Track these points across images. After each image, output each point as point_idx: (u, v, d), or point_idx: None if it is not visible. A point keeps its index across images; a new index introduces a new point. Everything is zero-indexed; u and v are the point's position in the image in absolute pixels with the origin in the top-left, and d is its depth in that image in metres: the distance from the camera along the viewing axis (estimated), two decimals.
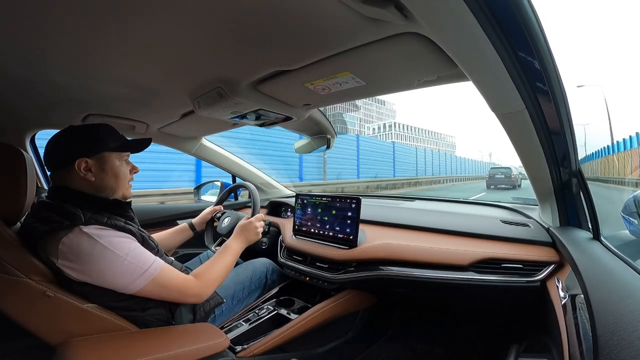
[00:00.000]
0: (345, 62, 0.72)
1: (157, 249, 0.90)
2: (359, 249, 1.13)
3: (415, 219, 1.24)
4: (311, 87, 0.88)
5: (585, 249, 0.78)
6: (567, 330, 0.62)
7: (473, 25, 0.49)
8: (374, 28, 0.59)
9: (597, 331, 0.47)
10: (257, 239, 1.12)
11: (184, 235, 1.31)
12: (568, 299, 0.69)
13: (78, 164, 0.80)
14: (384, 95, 1.23)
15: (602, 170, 16.72)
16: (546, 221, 1.05)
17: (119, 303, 0.79)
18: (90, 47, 0.67)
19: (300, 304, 1.22)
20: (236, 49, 0.69)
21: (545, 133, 0.76)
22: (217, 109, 0.98)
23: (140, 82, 0.88)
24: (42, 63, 0.75)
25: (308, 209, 1.32)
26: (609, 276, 0.63)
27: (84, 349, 0.71)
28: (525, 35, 0.54)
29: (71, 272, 0.74)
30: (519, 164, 1.46)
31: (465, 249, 1.01)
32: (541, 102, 0.68)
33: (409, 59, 0.70)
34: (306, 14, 0.56)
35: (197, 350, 0.79)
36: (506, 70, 0.59)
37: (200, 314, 0.92)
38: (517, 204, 1.40)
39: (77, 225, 0.74)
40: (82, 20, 0.57)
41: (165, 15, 0.57)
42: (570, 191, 0.90)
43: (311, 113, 1.21)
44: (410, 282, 1.03)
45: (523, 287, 0.91)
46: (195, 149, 1.66)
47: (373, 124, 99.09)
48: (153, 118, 1.25)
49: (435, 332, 1.41)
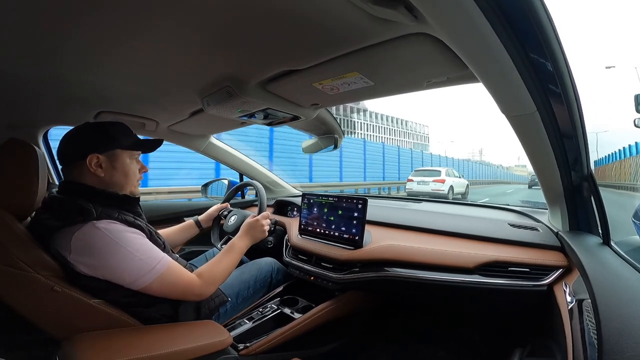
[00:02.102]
0: (354, 62, 0.72)
1: (164, 245, 0.91)
2: (365, 249, 1.13)
3: (421, 221, 1.23)
4: (319, 87, 0.88)
5: (595, 253, 0.77)
6: (572, 334, 0.61)
7: (484, 26, 0.49)
8: (384, 28, 0.58)
9: (602, 336, 0.47)
10: (263, 237, 1.12)
11: (190, 232, 1.32)
12: (575, 303, 0.68)
13: (90, 159, 0.82)
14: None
15: (615, 175, 16.29)
16: (555, 225, 1.03)
17: (125, 299, 0.80)
18: (103, 46, 0.69)
19: (304, 303, 1.22)
20: (246, 49, 0.70)
21: (557, 136, 0.75)
22: (226, 108, 0.99)
23: (151, 80, 0.90)
24: (56, 61, 0.76)
25: (314, 209, 1.32)
26: (617, 281, 0.62)
27: (88, 344, 0.72)
28: (537, 36, 0.53)
29: (82, 266, 0.75)
30: (511, 164, 1.43)
31: (471, 251, 1.00)
32: (553, 104, 0.67)
33: (418, 59, 0.69)
34: (316, 14, 0.56)
35: (200, 348, 0.80)
36: (518, 72, 0.58)
37: (204, 312, 0.93)
38: (526, 207, 1.38)
39: (90, 220, 0.76)
40: (95, 20, 0.58)
41: (177, 15, 0.57)
42: (581, 195, 0.89)
43: (319, 113, 1.21)
44: (415, 284, 1.03)
45: (529, 291, 0.90)
46: (204, 147, 1.68)
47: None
48: (163, 116, 1.26)
49: (439, 334, 1.40)
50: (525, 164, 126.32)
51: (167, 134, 1.45)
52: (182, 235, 1.31)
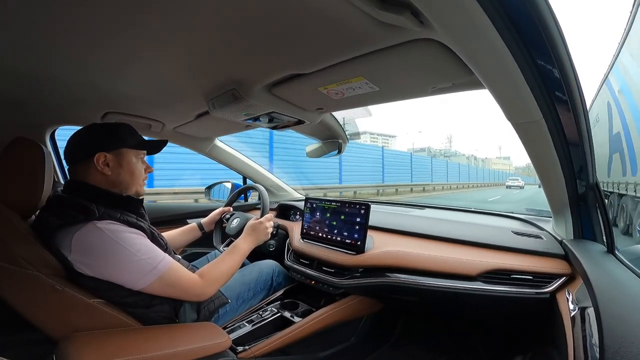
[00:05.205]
0: (360, 67, 0.72)
1: (165, 247, 0.92)
2: (366, 255, 1.12)
3: (424, 227, 1.23)
4: (324, 92, 0.88)
5: (599, 262, 0.76)
6: (574, 342, 0.61)
7: (491, 32, 0.49)
8: (390, 34, 0.59)
9: (605, 344, 0.46)
10: (266, 239, 1.12)
11: (192, 235, 1.33)
12: (577, 311, 0.67)
13: (97, 158, 0.83)
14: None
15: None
16: (560, 233, 1.02)
17: (125, 299, 0.80)
18: (111, 48, 0.70)
19: (304, 307, 1.22)
20: (252, 52, 0.71)
21: (563, 144, 0.74)
22: (231, 111, 0.99)
23: (158, 82, 0.91)
24: (64, 62, 0.77)
25: (317, 213, 1.32)
26: (621, 289, 0.62)
27: (86, 344, 0.72)
28: (544, 42, 0.53)
29: (82, 266, 0.75)
30: (491, 155, 1.34)
31: (474, 258, 0.99)
32: (559, 111, 0.67)
33: (424, 65, 0.69)
34: (322, 19, 0.56)
35: (199, 349, 0.80)
36: (524, 79, 0.58)
37: (204, 313, 0.93)
38: (530, 215, 1.37)
39: (91, 220, 0.76)
40: (104, 22, 0.59)
41: (185, 18, 0.58)
42: (586, 204, 0.88)
43: (323, 117, 1.22)
44: (417, 290, 1.02)
45: (532, 299, 0.90)
46: (209, 150, 1.69)
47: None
48: (169, 117, 1.27)
49: (439, 340, 1.38)
50: (509, 155, 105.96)
51: (173, 135, 1.46)
52: (185, 237, 1.31)
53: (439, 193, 17.46)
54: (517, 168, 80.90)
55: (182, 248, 1.37)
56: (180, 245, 1.31)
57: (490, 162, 75.68)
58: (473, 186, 26.40)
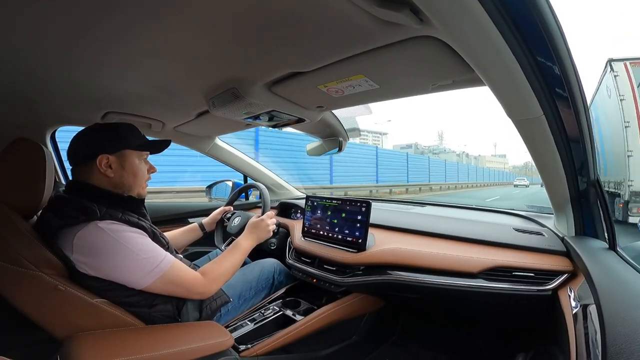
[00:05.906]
0: (360, 65, 0.72)
1: (167, 246, 0.92)
2: (368, 252, 1.13)
3: (425, 225, 1.23)
4: (324, 90, 0.88)
5: (600, 258, 0.76)
6: (576, 340, 0.61)
7: (490, 29, 0.49)
8: (389, 31, 0.58)
9: (607, 341, 0.46)
10: (267, 237, 1.12)
11: (194, 234, 1.33)
12: (579, 308, 0.67)
13: (100, 160, 0.83)
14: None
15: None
16: (561, 230, 1.02)
17: (128, 298, 0.80)
18: (112, 48, 0.69)
19: (306, 305, 1.22)
20: (252, 51, 0.70)
21: (564, 140, 0.74)
22: (231, 109, 0.99)
23: (158, 81, 0.90)
24: (64, 62, 0.77)
25: (318, 211, 1.32)
26: (623, 286, 0.62)
27: (90, 343, 0.72)
28: (544, 39, 0.52)
29: (84, 266, 0.75)
30: (485, 153, 1.33)
31: (475, 256, 0.99)
32: (560, 108, 0.67)
33: (424, 62, 0.69)
34: (321, 16, 0.56)
35: (202, 348, 0.80)
36: (524, 76, 0.58)
37: (206, 312, 0.93)
38: (531, 212, 1.37)
39: (93, 220, 0.76)
40: (104, 22, 0.59)
41: (184, 17, 0.58)
42: (587, 201, 0.88)
43: (324, 115, 1.21)
44: (418, 287, 1.02)
45: (533, 296, 0.90)
46: (209, 149, 1.69)
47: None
48: (169, 117, 1.27)
49: (441, 338, 1.39)
50: (504, 153, 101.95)
51: (173, 134, 1.46)
52: (186, 237, 1.31)
53: (435, 193, 17.28)
54: (514, 167, 77.52)
55: (184, 248, 1.37)
56: (182, 245, 1.31)
57: (484, 159, 72.62)
58: (468, 186, 25.73)
